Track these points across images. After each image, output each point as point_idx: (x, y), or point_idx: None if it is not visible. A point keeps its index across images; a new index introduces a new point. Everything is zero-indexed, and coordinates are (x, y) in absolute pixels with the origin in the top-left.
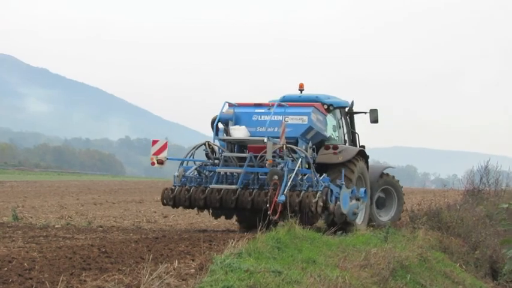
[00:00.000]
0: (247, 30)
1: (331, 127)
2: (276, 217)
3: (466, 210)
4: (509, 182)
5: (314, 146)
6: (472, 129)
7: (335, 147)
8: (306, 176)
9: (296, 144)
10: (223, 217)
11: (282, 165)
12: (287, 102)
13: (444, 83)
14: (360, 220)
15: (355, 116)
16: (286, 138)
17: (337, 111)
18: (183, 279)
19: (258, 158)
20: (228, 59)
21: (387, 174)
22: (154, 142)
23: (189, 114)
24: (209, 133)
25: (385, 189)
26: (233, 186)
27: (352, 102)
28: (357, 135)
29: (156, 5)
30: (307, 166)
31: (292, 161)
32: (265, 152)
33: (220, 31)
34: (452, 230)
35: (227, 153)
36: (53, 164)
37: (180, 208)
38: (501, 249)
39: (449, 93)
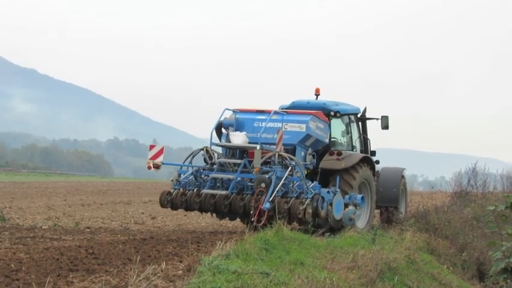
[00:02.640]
0: (242, 30)
1: (339, 133)
2: (260, 224)
3: (453, 212)
4: (497, 184)
5: (314, 153)
6: (459, 131)
7: (339, 153)
8: (297, 184)
9: (294, 151)
10: (212, 219)
11: (270, 173)
12: (288, 110)
13: (434, 84)
14: (362, 224)
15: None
16: (284, 145)
17: (346, 117)
18: (170, 281)
19: (252, 164)
20: (220, 59)
21: (403, 176)
22: (152, 147)
23: (178, 116)
24: (198, 135)
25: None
26: (224, 192)
27: (365, 108)
28: (368, 141)
29: (146, 5)
30: (305, 173)
31: (286, 168)
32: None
33: (212, 31)
34: (440, 232)
35: (222, 159)
36: (40, 164)
37: (167, 209)
38: (488, 251)
39: (439, 94)
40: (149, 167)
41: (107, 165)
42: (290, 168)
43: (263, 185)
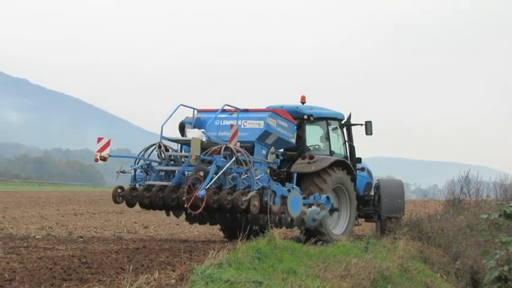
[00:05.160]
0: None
1: (317, 138)
2: (196, 212)
3: (446, 221)
4: (490, 192)
5: (278, 152)
6: (452, 140)
7: (311, 157)
8: (245, 176)
9: (252, 148)
10: (204, 228)
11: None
12: (248, 108)
13: (426, 88)
14: (339, 231)
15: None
16: (242, 142)
17: (324, 123)
18: None
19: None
20: (206, 67)
21: None
22: (99, 139)
23: (169, 125)
24: None
25: None
26: (165, 183)
27: (350, 114)
28: (353, 147)
29: (144, 13)
30: (268, 171)
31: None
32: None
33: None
34: (433, 241)
35: (172, 153)
36: (33, 174)
37: (160, 218)
38: (482, 259)
39: (432, 99)
40: (96, 160)
41: (99, 174)
42: (234, 159)
43: (201, 173)
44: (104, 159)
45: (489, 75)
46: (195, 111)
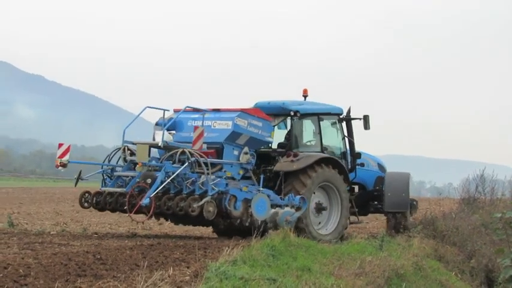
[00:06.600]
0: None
1: (309, 134)
2: (143, 221)
3: (461, 219)
4: (505, 190)
5: (252, 152)
6: (467, 138)
7: (295, 155)
8: (202, 181)
9: (222, 149)
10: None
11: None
12: (221, 108)
13: (444, 87)
14: (327, 231)
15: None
16: (210, 143)
17: (315, 118)
18: (178, 287)
19: (160, 161)
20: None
21: None
22: (60, 145)
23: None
24: None
25: None
26: (119, 190)
27: (349, 109)
28: (351, 142)
29: (152, 8)
30: (241, 173)
31: (199, 165)
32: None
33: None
34: (448, 239)
35: (131, 157)
36: (48, 170)
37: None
38: (496, 258)
39: (447, 97)
40: (57, 166)
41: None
42: (187, 164)
43: (149, 180)
44: (63, 165)
45: (503, 72)
46: (165, 112)
